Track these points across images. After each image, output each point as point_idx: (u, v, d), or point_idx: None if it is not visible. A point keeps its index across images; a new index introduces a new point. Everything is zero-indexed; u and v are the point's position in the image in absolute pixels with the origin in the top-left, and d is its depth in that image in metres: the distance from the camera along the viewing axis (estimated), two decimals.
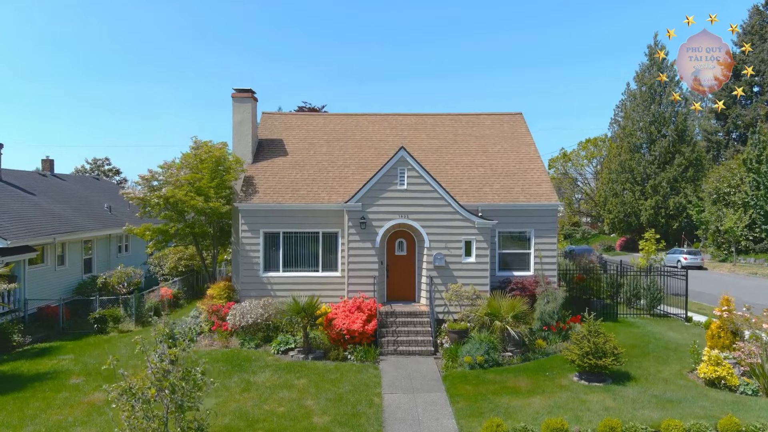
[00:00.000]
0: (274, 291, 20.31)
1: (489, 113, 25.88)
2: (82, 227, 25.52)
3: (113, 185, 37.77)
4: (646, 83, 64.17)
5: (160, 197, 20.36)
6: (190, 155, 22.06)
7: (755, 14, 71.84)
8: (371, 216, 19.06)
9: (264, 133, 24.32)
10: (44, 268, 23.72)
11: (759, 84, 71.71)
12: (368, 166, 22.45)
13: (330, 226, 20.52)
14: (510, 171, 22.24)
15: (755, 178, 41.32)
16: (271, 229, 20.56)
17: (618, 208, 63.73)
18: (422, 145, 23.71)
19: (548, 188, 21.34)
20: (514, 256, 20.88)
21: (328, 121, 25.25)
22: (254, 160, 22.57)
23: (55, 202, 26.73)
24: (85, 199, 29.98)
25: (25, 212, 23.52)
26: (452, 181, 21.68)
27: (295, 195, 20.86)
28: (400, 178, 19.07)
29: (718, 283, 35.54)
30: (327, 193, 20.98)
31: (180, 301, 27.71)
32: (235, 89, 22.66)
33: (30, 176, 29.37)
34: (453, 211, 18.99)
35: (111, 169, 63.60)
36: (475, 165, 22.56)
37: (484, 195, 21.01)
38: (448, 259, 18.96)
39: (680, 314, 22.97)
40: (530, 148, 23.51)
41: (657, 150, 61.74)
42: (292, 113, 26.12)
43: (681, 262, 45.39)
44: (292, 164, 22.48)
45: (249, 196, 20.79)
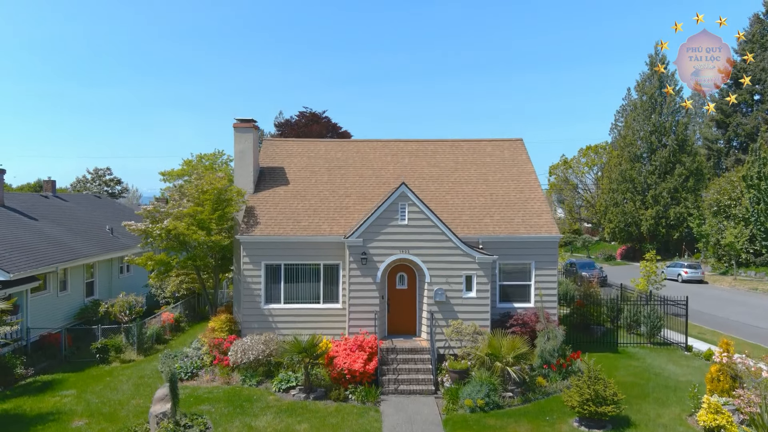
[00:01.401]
0: (275, 323, 20.40)
1: (489, 139, 25.95)
2: (84, 253, 25.61)
3: (114, 203, 37.84)
4: (647, 93, 64.19)
5: (162, 229, 20.44)
6: (192, 186, 22.12)
7: (756, 22, 71.81)
8: (372, 251, 19.13)
9: (265, 160, 24.40)
10: (46, 295, 23.80)
11: (760, 92, 71.72)
12: (369, 195, 22.52)
13: (331, 258, 20.61)
14: (510, 201, 22.30)
15: (755, 194, 41.35)
16: (273, 261, 20.65)
17: (619, 218, 63.78)
18: (423, 173, 23.79)
19: (548, 219, 21.41)
20: (515, 288, 20.95)
21: (329, 147, 25.32)
22: (256, 190, 22.65)
23: (57, 227, 26.81)
24: (87, 222, 30.05)
25: (27, 240, 23.60)
26: (453, 212, 21.76)
27: (296, 226, 20.94)
28: (401, 214, 19.13)
29: (718, 301, 35.59)
30: (328, 225, 21.06)
31: (182, 324, 27.81)
32: (236, 119, 22.74)
33: (32, 199, 29.45)
34: (454, 246, 19.06)
35: (112, 179, 63.71)
36: (475, 194, 22.63)
37: (484, 226, 21.08)
38: (449, 294, 19.03)
39: (681, 342, 23.01)
40: (530, 177, 23.57)
41: (657, 160, 61.77)
42: (293, 140, 26.18)
43: (682, 275, 45.44)
44: (293, 194, 22.56)
45: (250, 227, 20.87)
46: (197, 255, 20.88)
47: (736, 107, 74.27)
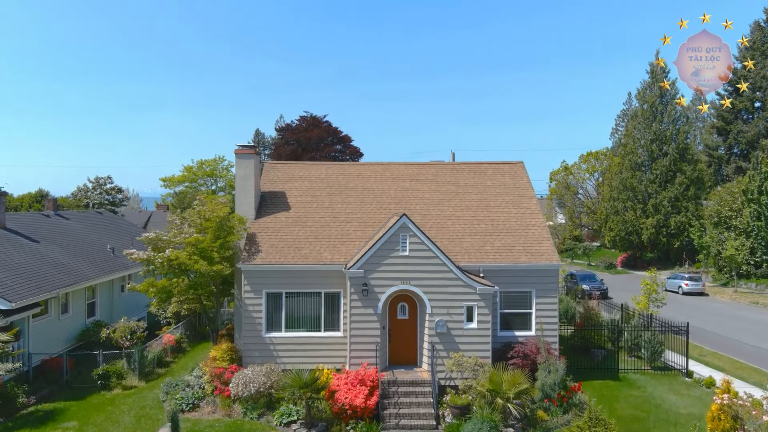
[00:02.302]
0: (276, 352, 20.44)
1: (490, 162, 25.97)
2: (86, 276, 25.66)
3: (116, 219, 37.87)
4: (647, 101, 64.16)
5: (164, 258, 20.48)
6: (194, 212, 22.14)
7: (756, 30, 71.79)
8: (373, 282, 19.17)
9: (266, 184, 24.42)
10: (48, 319, 23.85)
11: (761, 100, 71.72)
12: (370, 221, 22.55)
13: (332, 286, 20.65)
14: (511, 227, 22.32)
15: (756, 209, 41.36)
16: (274, 290, 20.69)
17: (619, 226, 63.77)
18: (424, 198, 23.81)
19: (549, 246, 21.43)
20: (516, 316, 20.99)
21: (330, 171, 25.35)
22: (257, 215, 22.68)
23: (59, 249, 26.86)
24: (88, 241, 30.10)
25: (29, 265, 23.65)
26: (454, 239, 21.79)
27: (297, 254, 20.97)
28: (402, 244, 19.16)
29: (719, 317, 35.59)
30: (329, 252, 21.09)
31: (183, 345, 27.87)
32: (238, 146, 22.79)
33: (33, 219, 29.50)
34: (455, 277, 19.09)
35: (113, 188, 63.75)
36: (476, 220, 22.66)
37: (485, 254, 21.10)
38: (450, 325, 19.07)
39: (682, 366, 23.00)
40: (531, 202, 23.60)
41: (658, 168, 61.75)
42: (294, 163, 26.21)
43: (682, 287, 45.43)
44: (294, 220, 22.59)
45: (252, 255, 20.91)
46: (199, 283, 20.92)
47: (738, 114, 74.29)
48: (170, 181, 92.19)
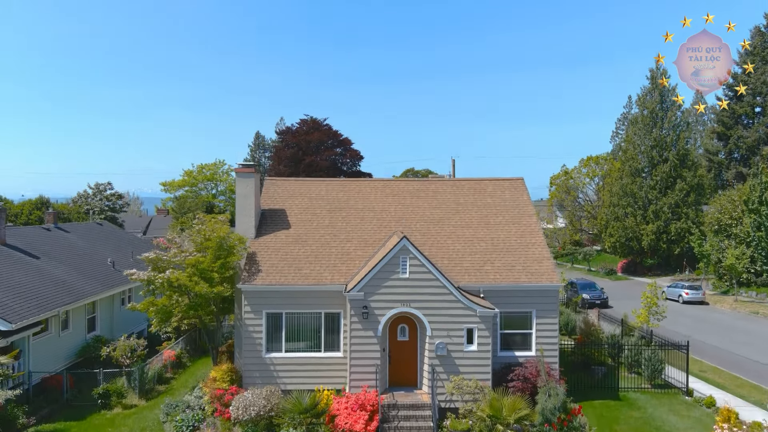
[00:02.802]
0: (277, 372, 20.45)
1: (490, 179, 25.97)
2: (86, 293, 25.68)
3: (116, 231, 37.88)
4: (648, 107, 64.13)
5: (164, 279, 20.50)
6: (194, 230, 22.13)
7: (757, 35, 71.78)
8: (373, 305, 19.17)
9: (267, 202, 24.42)
10: (48, 336, 23.87)
11: (761, 105, 71.72)
12: (371, 240, 22.55)
13: (332, 307, 20.67)
14: (511, 246, 22.32)
15: (756, 219, 41.35)
16: (274, 310, 20.72)
17: (619, 232, 63.74)
18: (424, 216, 23.81)
19: (549, 266, 21.43)
20: (516, 336, 20.99)
21: (330, 188, 25.34)
22: (257, 234, 22.69)
23: (59, 265, 26.86)
24: (89, 255, 30.11)
25: (29, 283, 23.66)
26: (454, 258, 21.79)
27: (298, 274, 20.98)
28: (403, 267, 19.17)
29: (719, 328, 35.57)
30: (329, 272, 21.09)
31: (183, 360, 27.89)
32: (239, 164, 22.80)
33: (34, 233, 29.50)
34: (455, 300, 19.09)
35: (113, 194, 63.79)
36: (477, 239, 22.65)
37: (485, 274, 21.10)
38: (450, 348, 19.08)
39: (682, 384, 22.97)
40: (531, 220, 23.60)
41: (658, 174, 61.73)
42: (294, 180, 26.19)
43: (683, 296, 45.39)
44: (294, 238, 22.59)
45: (252, 275, 20.92)
46: (199, 304, 20.93)
47: (738, 119, 74.27)
48: (170, 186, 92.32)
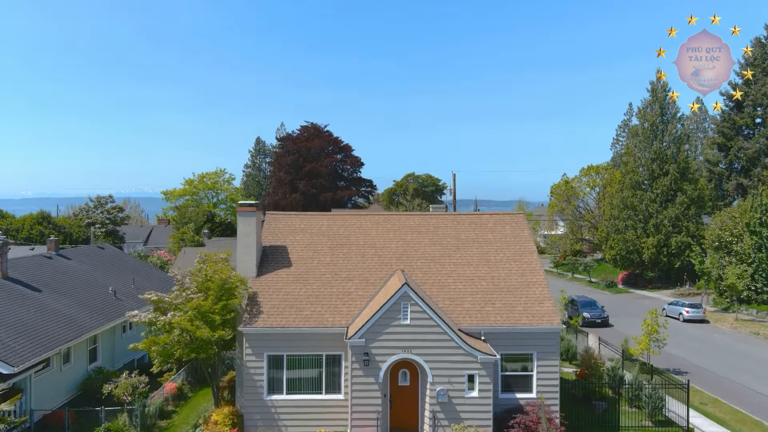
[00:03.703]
0: (278, 415, 20.53)
1: (491, 213, 26.06)
2: (88, 327, 25.76)
3: (117, 254, 37.95)
4: (648, 120, 64.15)
5: (166, 322, 20.58)
6: (196, 269, 22.18)
7: (757, 45, 71.80)
8: (375, 351, 19.24)
9: (268, 238, 24.46)
10: (50, 372, 23.93)
11: (762, 116, 71.77)
12: (372, 279, 22.60)
13: (333, 349, 20.74)
14: (512, 285, 22.37)
15: (757, 241, 41.40)
16: (275, 352, 20.80)
17: (620, 245, 63.76)
18: (425, 253, 23.85)
19: (550, 307, 21.49)
20: (517, 378, 21.06)
21: (332, 222, 25.39)
22: (258, 273, 22.74)
23: (61, 297, 26.93)
24: (90, 284, 30.16)
25: (31, 320, 23.70)
26: (455, 298, 21.85)
27: (299, 316, 21.05)
28: (404, 314, 19.24)
29: (719, 351, 35.63)
30: (331, 314, 21.16)
31: (185, 391, 27.93)
32: (240, 203, 22.89)
33: (35, 262, 29.55)
34: (456, 346, 19.17)
35: (114, 207, 63.92)
36: (477, 277, 22.70)
37: (486, 315, 21.16)
38: (451, 394, 19.15)
39: (683, 421, 23.01)
40: (532, 257, 23.64)
41: (659, 187, 61.76)
42: (295, 214, 26.23)
43: (683, 315, 45.43)
44: (295, 277, 22.65)
45: (253, 317, 20.99)
46: (200, 346, 20.96)
47: (739, 130, 74.31)
48: (171, 195, 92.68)
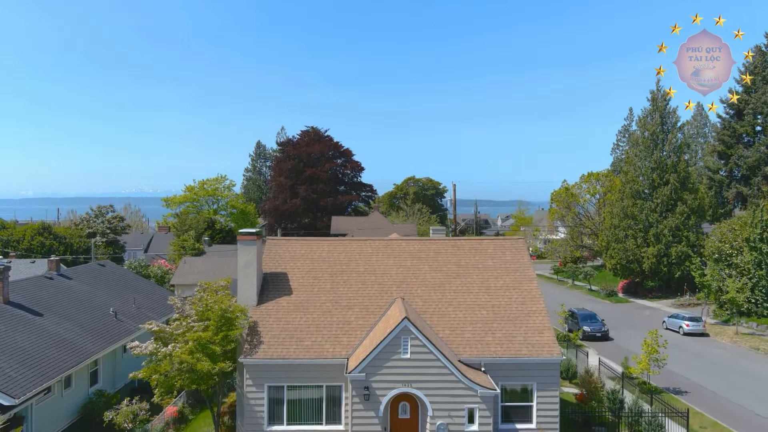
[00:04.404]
0: None
1: (491, 238, 26.13)
2: (90, 352, 25.82)
3: (118, 270, 38.01)
4: (648, 129, 64.15)
5: (166, 354, 20.65)
6: (196, 300, 22.24)
7: (757, 54, 71.84)
8: (375, 385, 19.31)
9: (269, 264, 24.52)
10: (51, 398, 23.99)
11: (762, 125, 71.80)
12: (372, 307, 22.67)
13: (333, 380, 20.83)
14: (512, 314, 22.43)
15: (756, 257, 41.43)
16: (276, 383, 20.89)
17: (620, 254, 63.78)
18: (425, 280, 23.91)
19: (550, 337, 21.55)
20: (517, 408, 21.14)
21: (332, 249, 25.42)
22: (259, 301, 22.82)
23: (63, 321, 26.99)
24: (92, 305, 30.21)
25: (32, 347, 23.76)
26: (455, 328, 21.92)
27: (299, 346, 21.12)
28: (404, 347, 19.31)
29: (719, 368, 35.64)
30: (331, 344, 21.23)
31: (186, 413, 27.99)
32: (240, 232, 22.94)
33: (36, 284, 29.61)
34: (456, 380, 19.24)
35: (115, 217, 64.00)
36: (477, 306, 22.77)
37: (486, 346, 21.24)
38: (452, 428, 19.26)
39: None
40: (532, 284, 23.70)
41: (659, 197, 61.77)
42: (296, 240, 26.26)
43: (683, 328, 45.42)
44: (296, 306, 22.71)
45: (253, 347, 21.08)
46: (201, 378, 21.02)
47: (739, 138, 74.33)
48: (171, 201, 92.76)
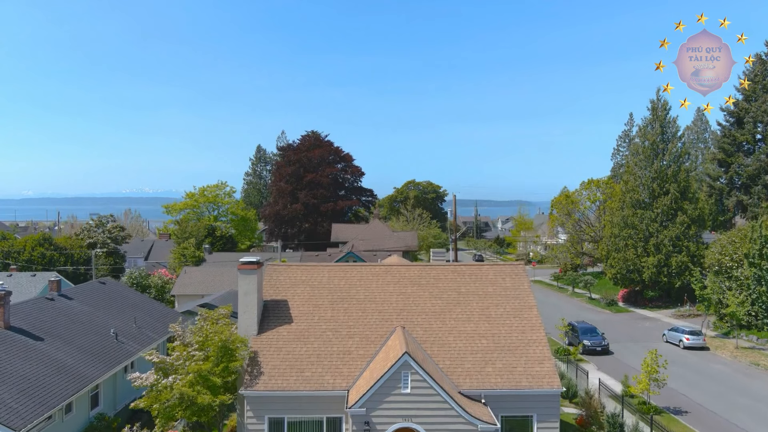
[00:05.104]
0: None
1: (491, 264, 26.18)
2: (91, 377, 25.85)
3: (118, 288, 38.07)
4: (649, 138, 64.15)
5: (166, 387, 20.72)
6: (197, 328, 22.31)
7: (758, 62, 71.89)
8: (375, 420, 19.36)
9: (269, 291, 24.57)
10: (52, 425, 23.98)
11: (762, 133, 71.82)
12: (372, 336, 22.72)
13: (334, 412, 20.91)
14: (513, 344, 22.48)
15: (756, 273, 41.48)
16: (276, 415, 20.96)
17: (620, 264, 63.78)
18: (425, 307, 23.96)
19: (550, 368, 21.61)
20: None
21: (332, 275, 25.46)
22: (259, 330, 22.87)
23: (64, 345, 27.04)
24: (92, 327, 30.27)
25: (33, 374, 23.80)
26: (455, 358, 21.98)
27: (299, 377, 21.18)
28: (404, 382, 19.36)
29: (718, 386, 35.67)
30: (331, 375, 21.30)
31: None
32: (241, 262, 22.97)
33: (37, 306, 29.65)
34: (456, 415, 19.29)
35: (116, 226, 64.11)
36: (478, 335, 22.82)
37: (486, 376, 21.30)
38: None
39: None
40: (532, 312, 23.75)
41: (659, 207, 61.78)
42: (296, 266, 26.31)
43: (683, 342, 45.43)
44: (296, 335, 22.77)
45: (254, 378, 21.14)
46: (202, 409, 21.08)
47: (739, 146, 74.36)
48: (172, 208, 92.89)
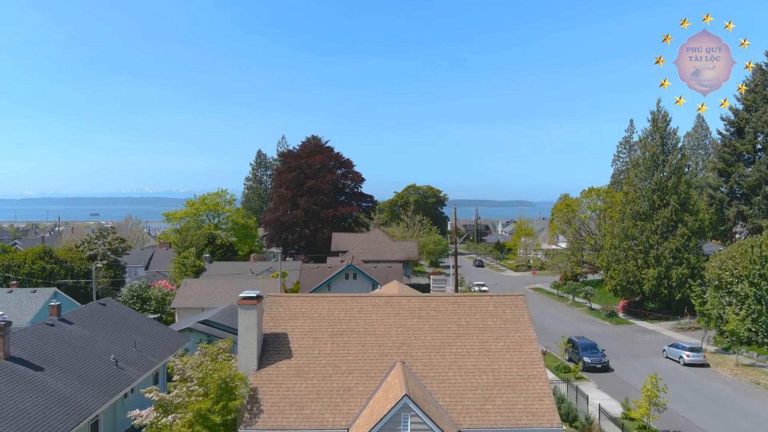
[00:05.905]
0: None
1: (491, 295, 26.14)
2: (91, 408, 25.84)
3: (119, 310, 38.05)
4: (649, 150, 64.16)
5: (166, 426, 20.73)
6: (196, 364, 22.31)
7: (758, 72, 71.80)
8: None
9: (269, 323, 24.56)
10: None
11: (762, 144, 71.77)
12: (372, 372, 22.72)
13: None
14: (513, 379, 22.49)
15: (756, 293, 41.50)
16: None
17: (620, 275, 63.80)
18: (425, 341, 23.96)
19: (550, 405, 21.61)
20: None
21: (332, 306, 25.44)
22: (259, 365, 22.86)
23: (63, 375, 27.04)
24: (92, 353, 30.27)
25: (33, 408, 23.76)
26: (455, 395, 21.98)
27: (299, 415, 21.19)
28: (404, 425, 19.34)
29: (717, 407, 35.72)
30: (331, 413, 21.31)
31: None
32: (241, 296, 22.98)
33: (37, 333, 29.63)
34: None
35: (116, 238, 64.15)
36: (478, 370, 22.83)
37: (486, 414, 21.30)
38: None
39: None
40: (532, 346, 23.75)
41: (659, 219, 61.79)
42: (296, 296, 26.27)
43: (684, 359, 45.48)
44: (296, 370, 22.77)
45: (253, 416, 21.14)
46: None
47: (740, 156, 74.27)
48: (173, 216, 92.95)
